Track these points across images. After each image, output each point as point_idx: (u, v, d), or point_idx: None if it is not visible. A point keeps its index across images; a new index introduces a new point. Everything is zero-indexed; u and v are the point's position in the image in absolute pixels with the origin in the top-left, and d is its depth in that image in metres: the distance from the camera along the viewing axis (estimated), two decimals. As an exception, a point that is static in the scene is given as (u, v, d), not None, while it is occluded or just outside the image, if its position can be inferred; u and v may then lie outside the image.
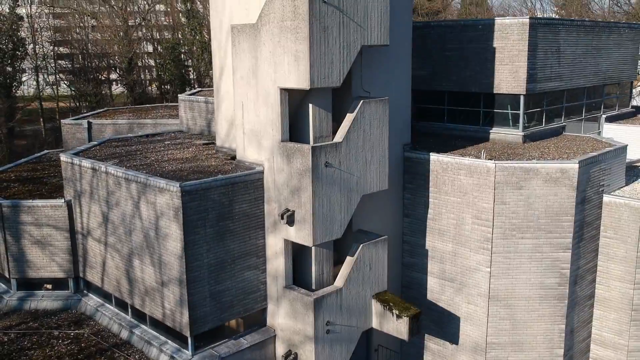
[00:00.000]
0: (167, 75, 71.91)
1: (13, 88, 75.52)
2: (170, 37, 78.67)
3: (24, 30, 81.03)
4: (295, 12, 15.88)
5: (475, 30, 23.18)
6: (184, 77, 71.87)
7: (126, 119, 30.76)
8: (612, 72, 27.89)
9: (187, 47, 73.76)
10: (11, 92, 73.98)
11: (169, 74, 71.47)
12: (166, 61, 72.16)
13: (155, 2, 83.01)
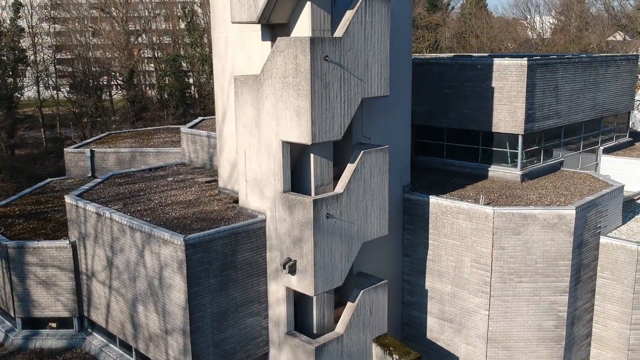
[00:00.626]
0: (168, 87, 72.27)
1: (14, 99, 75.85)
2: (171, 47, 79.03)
3: (25, 40, 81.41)
4: (297, 70, 16.18)
5: (473, 69, 23.47)
6: (185, 89, 72.15)
7: (128, 148, 31.03)
8: (610, 105, 28.19)
9: (187, 59, 74.09)
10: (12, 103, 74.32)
11: (170, 87, 71.84)
12: (167, 73, 72.50)
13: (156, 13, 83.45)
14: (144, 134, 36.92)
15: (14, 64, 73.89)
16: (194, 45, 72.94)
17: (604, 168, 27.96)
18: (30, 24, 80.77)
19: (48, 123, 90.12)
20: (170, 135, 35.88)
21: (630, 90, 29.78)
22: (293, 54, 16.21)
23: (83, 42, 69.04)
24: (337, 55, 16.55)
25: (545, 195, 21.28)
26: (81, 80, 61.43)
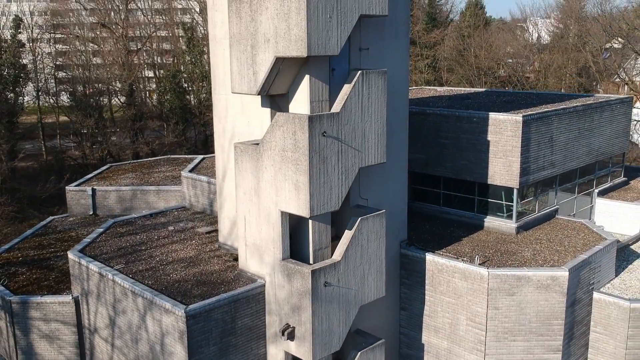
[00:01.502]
0: (168, 103, 72.65)
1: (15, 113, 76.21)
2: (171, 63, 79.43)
3: (26, 55, 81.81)
4: (295, 145, 16.56)
5: (469, 122, 23.86)
6: (185, 106, 72.49)
7: (129, 186, 31.35)
8: (605, 148, 28.58)
9: (187, 74, 74.46)
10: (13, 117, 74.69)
11: (170, 103, 72.22)
12: (167, 88, 72.87)
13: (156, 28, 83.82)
14: (144, 166, 37.29)
15: (14, 79, 74.31)
16: (194, 62, 73.39)
17: (599, 211, 28.36)
18: (31, 38, 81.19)
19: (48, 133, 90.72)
20: (171, 168, 36.24)
21: (625, 132, 30.17)
22: (292, 130, 16.60)
23: (84, 60, 69.39)
24: (335, 129, 16.94)
25: (540, 251, 21.66)
26: (81, 101, 61.71)
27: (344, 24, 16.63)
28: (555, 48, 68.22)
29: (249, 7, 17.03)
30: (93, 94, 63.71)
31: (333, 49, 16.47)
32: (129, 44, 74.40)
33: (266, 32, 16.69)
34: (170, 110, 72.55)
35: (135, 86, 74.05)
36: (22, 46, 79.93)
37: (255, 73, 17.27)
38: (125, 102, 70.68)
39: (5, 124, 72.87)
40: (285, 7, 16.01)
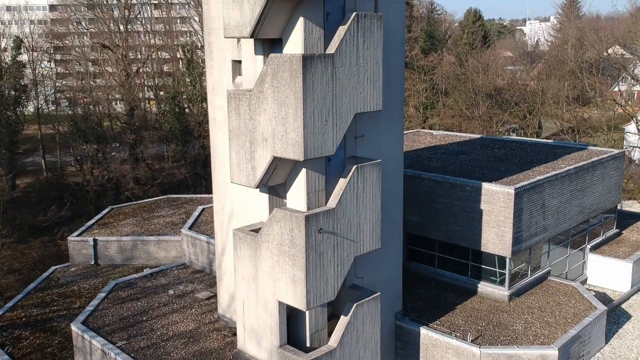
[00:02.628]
0: (167, 124, 73.18)
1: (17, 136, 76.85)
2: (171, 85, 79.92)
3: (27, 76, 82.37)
4: (292, 242, 17.10)
5: (463, 190, 24.40)
6: (185, 127, 73.03)
7: (130, 236, 31.81)
8: (598, 205, 29.13)
9: (187, 95, 74.99)
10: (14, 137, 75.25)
11: (170, 124, 72.77)
12: (167, 109, 73.37)
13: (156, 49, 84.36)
14: (144, 208, 37.81)
15: (15, 100, 74.89)
16: (194, 84, 73.96)
17: (591, 267, 28.90)
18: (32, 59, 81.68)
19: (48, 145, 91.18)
20: (171, 211, 36.78)
21: (617, 186, 30.71)
22: (289, 227, 17.14)
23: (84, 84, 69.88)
24: (331, 224, 17.48)
25: (531, 323, 22.20)
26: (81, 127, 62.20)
27: (339, 125, 17.17)
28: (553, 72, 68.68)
29: (248, 106, 17.55)
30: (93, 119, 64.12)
31: (329, 150, 17.00)
32: (129, 66, 74.88)
33: (264, 132, 17.22)
34: (170, 131, 73.15)
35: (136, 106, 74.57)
36: (23, 67, 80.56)
37: (254, 168, 17.80)
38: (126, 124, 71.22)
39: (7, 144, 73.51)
40: (283, 112, 16.54)
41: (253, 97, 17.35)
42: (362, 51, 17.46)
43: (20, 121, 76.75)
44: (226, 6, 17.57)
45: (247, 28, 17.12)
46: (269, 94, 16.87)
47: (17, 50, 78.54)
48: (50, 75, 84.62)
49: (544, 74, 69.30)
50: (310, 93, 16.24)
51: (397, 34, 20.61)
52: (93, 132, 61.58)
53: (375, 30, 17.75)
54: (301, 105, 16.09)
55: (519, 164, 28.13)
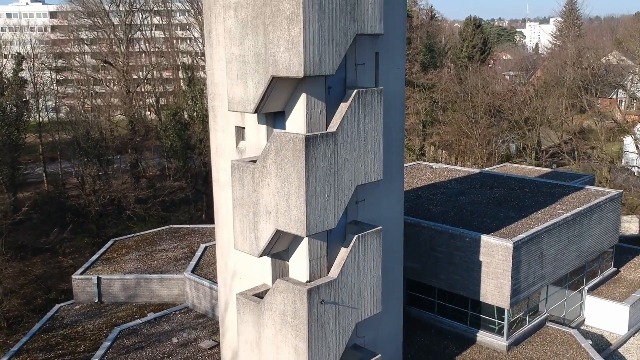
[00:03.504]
0: (168, 140, 73.61)
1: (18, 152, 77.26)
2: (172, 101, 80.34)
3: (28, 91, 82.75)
4: (295, 313, 17.48)
5: (462, 240, 24.78)
6: (187, 142, 73.44)
7: (134, 274, 32.12)
8: (595, 247, 29.50)
9: (188, 112, 75.39)
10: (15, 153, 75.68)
11: (171, 140, 73.19)
12: (168, 126, 73.79)
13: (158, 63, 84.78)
14: (147, 241, 38.15)
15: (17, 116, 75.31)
16: (195, 100, 74.37)
17: (589, 309, 29.28)
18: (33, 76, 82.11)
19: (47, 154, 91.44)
20: (173, 244, 37.15)
21: (614, 227, 31.09)
22: (292, 299, 17.52)
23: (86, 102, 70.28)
24: (332, 294, 17.86)
25: (529, 377, 22.62)
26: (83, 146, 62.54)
27: (340, 199, 17.55)
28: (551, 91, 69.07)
29: (252, 178, 17.93)
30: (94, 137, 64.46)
31: (331, 224, 17.39)
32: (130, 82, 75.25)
33: (267, 205, 17.60)
34: (171, 147, 73.58)
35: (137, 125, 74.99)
36: (25, 83, 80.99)
37: (257, 238, 18.18)
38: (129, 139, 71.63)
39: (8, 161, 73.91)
40: (286, 188, 16.92)
41: (257, 170, 17.73)
42: (363, 126, 17.84)
43: (22, 137, 77.25)
44: (230, 82, 17.94)
45: (251, 105, 17.49)
46: (272, 170, 17.25)
47: (18, 66, 79.01)
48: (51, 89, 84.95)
49: (542, 92, 69.63)
50: (313, 172, 16.62)
51: (397, 98, 20.96)
52: (94, 152, 61.90)
53: (376, 104, 18.13)
54: (304, 184, 16.47)
55: (517, 208, 28.51)
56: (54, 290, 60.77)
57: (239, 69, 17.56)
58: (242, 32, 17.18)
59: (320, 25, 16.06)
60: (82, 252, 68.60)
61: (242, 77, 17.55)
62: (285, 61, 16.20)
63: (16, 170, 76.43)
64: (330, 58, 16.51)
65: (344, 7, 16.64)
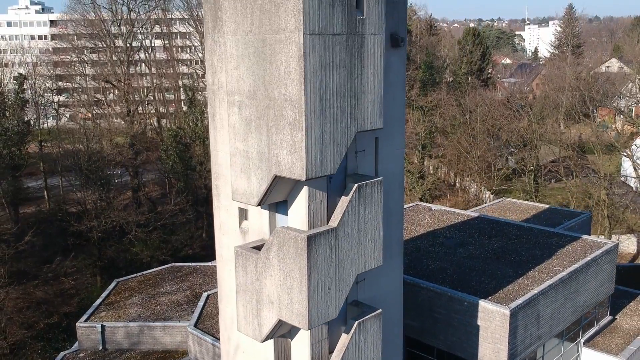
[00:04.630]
0: (169, 161, 74.18)
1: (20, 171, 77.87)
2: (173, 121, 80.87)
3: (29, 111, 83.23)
4: (297, 401, 17.99)
5: (460, 304, 25.29)
6: (187, 163, 73.98)
7: (137, 322, 32.60)
8: (592, 300, 30.01)
9: (189, 134, 75.93)
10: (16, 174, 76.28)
11: (171, 160, 73.76)
12: (169, 147, 74.34)
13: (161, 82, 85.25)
14: (149, 282, 38.62)
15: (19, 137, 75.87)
16: (196, 122, 74.95)
17: (585, 361, 29.85)
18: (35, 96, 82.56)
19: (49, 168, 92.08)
20: (176, 286, 37.66)
21: (610, 277, 31.59)
22: (294, 387, 18.02)
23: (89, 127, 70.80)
24: (334, 381, 18.35)
25: None
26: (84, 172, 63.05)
27: (341, 289, 18.04)
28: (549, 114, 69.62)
29: (255, 268, 18.42)
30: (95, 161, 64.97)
31: (332, 315, 17.88)
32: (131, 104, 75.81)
33: (270, 295, 18.09)
34: (172, 168, 74.13)
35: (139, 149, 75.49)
36: (26, 103, 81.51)
37: (260, 325, 18.67)
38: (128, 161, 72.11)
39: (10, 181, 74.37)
40: (288, 282, 17.41)
41: (260, 260, 18.22)
42: (363, 217, 18.33)
43: (23, 157, 77.83)
44: (234, 173, 18.43)
45: (255, 199, 17.98)
46: (275, 263, 17.74)
47: (20, 87, 79.51)
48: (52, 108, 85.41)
49: (539, 115, 70.18)
50: (315, 268, 17.12)
51: (397, 177, 21.45)
52: (96, 178, 62.39)
53: (376, 195, 18.62)
54: (306, 280, 16.96)
55: (514, 263, 29.02)
56: (55, 314, 61.34)
57: (243, 163, 18.05)
58: (246, 130, 17.67)
59: (322, 130, 16.56)
60: (83, 272, 69.22)
61: (246, 172, 18.04)
62: (288, 164, 16.70)
63: (18, 189, 77.05)
64: (331, 159, 17.00)
65: (345, 109, 17.13)
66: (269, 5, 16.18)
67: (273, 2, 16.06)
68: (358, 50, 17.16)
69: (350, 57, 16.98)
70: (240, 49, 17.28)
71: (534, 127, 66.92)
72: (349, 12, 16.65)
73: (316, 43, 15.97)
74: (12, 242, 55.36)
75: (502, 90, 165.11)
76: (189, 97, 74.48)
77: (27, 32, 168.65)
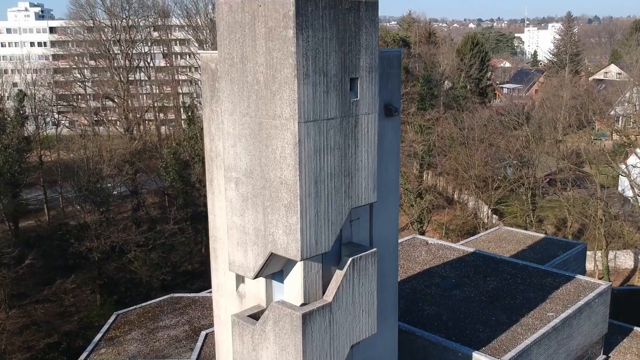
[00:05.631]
0: (169, 177, 74.63)
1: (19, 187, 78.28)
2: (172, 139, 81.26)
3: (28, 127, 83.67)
4: None
5: (455, 355, 25.68)
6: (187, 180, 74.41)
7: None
8: (585, 342, 30.39)
9: (188, 150, 76.35)
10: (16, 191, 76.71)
11: (170, 177, 74.20)
12: (168, 164, 74.80)
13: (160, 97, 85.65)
14: (148, 315, 38.92)
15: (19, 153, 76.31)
16: (195, 140, 75.36)
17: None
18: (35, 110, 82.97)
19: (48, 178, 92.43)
20: (175, 319, 38.00)
21: (603, 318, 31.98)
22: None
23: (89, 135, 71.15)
24: None
25: None
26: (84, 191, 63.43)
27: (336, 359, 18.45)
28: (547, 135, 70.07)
29: (251, 338, 18.82)
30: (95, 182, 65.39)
31: (327, 387, 18.28)
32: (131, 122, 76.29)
33: (267, 367, 18.50)
34: (172, 185, 74.56)
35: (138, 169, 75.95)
36: (26, 119, 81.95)
37: (257, 393, 19.07)
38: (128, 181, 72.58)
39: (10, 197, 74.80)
40: (284, 356, 17.82)
41: (256, 332, 18.62)
42: (357, 289, 18.73)
43: (23, 172, 78.28)
44: (231, 246, 18.83)
45: (251, 272, 18.38)
46: (271, 336, 18.14)
47: (20, 104, 79.94)
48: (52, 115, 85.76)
49: (537, 136, 70.60)
50: (310, 343, 17.52)
51: (391, 242, 21.83)
52: (96, 200, 62.78)
53: (370, 267, 19.02)
54: (301, 356, 17.37)
55: (508, 308, 29.42)
56: (55, 333, 61.77)
57: (240, 237, 18.44)
58: (243, 206, 18.07)
59: (316, 211, 16.95)
60: (83, 289, 69.71)
61: (243, 245, 18.43)
62: (284, 244, 17.09)
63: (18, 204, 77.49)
64: (326, 238, 17.40)
65: (339, 188, 17.53)
66: (265, 92, 16.57)
67: (269, 89, 16.45)
68: (352, 130, 17.56)
69: (344, 139, 17.38)
70: (237, 128, 17.67)
71: (531, 146, 67.32)
72: (343, 96, 17.05)
73: (311, 130, 16.36)
74: (13, 266, 55.80)
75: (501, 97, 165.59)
76: (188, 116, 74.93)
77: (26, 39, 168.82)
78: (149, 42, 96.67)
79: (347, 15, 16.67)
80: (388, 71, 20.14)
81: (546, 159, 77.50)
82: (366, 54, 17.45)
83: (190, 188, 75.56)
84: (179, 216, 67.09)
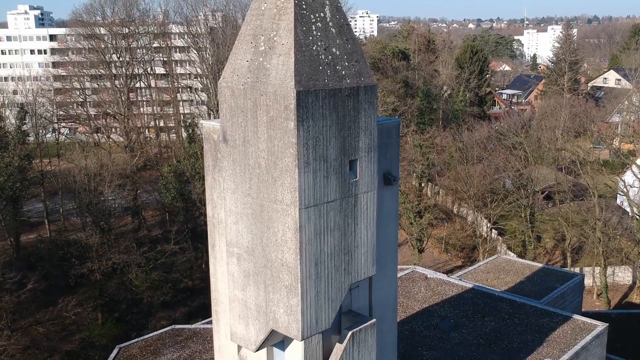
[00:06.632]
0: (170, 195, 75.03)
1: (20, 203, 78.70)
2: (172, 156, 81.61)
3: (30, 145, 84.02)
4: None
5: (453, 405, 26.09)
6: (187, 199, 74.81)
7: (139, 400, 33.55)
8: (580, 385, 30.82)
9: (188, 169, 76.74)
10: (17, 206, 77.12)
11: (171, 195, 74.61)
12: (168, 181, 75.21)
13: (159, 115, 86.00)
14: (149, 349, 39.34)
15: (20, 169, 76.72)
16: (195, 157, 75.78)
17: None
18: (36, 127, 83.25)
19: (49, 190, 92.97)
20: (177, 353, 38.40)
21: (600, 359, 32.36)
22: None
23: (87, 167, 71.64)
24: None
25: None
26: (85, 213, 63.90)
27: None
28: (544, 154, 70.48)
29: (253, 407, 19.21)
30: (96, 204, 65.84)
31: None
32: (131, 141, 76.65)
33: None
34: (172, 202, 74.95)
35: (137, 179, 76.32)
36: (27, 136, 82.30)
37: None
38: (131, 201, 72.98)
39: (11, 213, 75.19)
40: None
41: (258, 402, 18.99)
42: (357, 360, 19.11)
43: (24, 188, 78.72)
44: (233, 318, 19.20)
45: (253, 345, 18.76)
46: (273, 408, 18.52)
47: (21, 121, 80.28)
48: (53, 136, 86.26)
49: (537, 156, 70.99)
50: (310, 418, 17.89)
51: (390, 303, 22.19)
52: (98, 221, 63.21)
53: (370, 337, 19.40)
54: None
55: (505, 352, 29.81)
56: (56, 353, 62.33)
57: (241, 311, 18.82)
58: (245, 281, 18.44)
59: (316, 292, 17.33)
60: (84, 307, 70.21)
61: (244, 319, 18.81)
62: (285, 322, 17.47)
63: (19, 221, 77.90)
64: (326, 316, 17.78)
65: (339, 267, 17.90)
66: (267, 177, 16.94)
67: (270, 175, 16.82)
68: (352, 210, 17.93)
69: (344, 219, 17.75)
70: (239, 207, 18.04)
71: (530, 166, 67.74)
72: (342, 178, 17.42)
73: (311, 214, 16.73)
74: (15, 291, 56.20)
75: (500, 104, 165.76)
76: (189, 135, 75.33)
77: (27, 46, 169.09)
78: (148, 51, 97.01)
79: (346, 102, 17.03)
80: (387, 141, 20.46)
81: (546, 172, 77.93)
82: (365, 135, 17.82)
83: (191, 205, 75.98)
84: (179, 236, 67.47)
